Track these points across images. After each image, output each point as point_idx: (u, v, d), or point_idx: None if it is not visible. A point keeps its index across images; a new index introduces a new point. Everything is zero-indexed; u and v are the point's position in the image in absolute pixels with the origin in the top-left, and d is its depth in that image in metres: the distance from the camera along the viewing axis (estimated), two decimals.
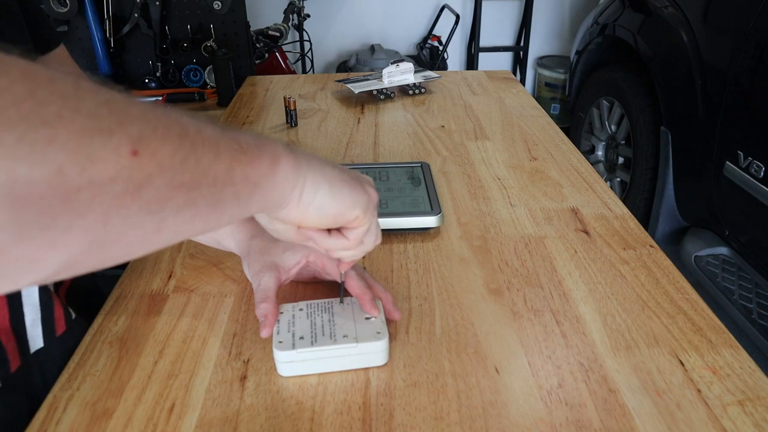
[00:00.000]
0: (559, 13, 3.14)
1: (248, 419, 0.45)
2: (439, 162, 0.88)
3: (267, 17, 2.59)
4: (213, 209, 0.31)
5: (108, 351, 0.52)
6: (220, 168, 0.30)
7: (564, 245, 0.67)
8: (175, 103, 1.51)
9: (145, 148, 0.25)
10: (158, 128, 0.27)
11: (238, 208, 0.34)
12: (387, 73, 1.18)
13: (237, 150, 0.32)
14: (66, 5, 1.43)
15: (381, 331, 0.50)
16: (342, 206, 0.41)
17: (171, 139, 0.27)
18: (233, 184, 0.32)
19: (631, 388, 0.47)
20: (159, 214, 0.27)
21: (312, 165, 0.39)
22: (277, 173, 0.36)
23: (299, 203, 0.39)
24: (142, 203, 0.26)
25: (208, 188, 0.30)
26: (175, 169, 0.27)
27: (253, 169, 0.33)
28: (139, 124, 0.26)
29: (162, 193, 0.27)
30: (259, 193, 0.35)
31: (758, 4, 1.39)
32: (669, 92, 1.72)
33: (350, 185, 0.42)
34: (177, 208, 0.28)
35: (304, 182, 0.38)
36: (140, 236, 0.27)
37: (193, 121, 0.30)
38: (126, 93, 0.27)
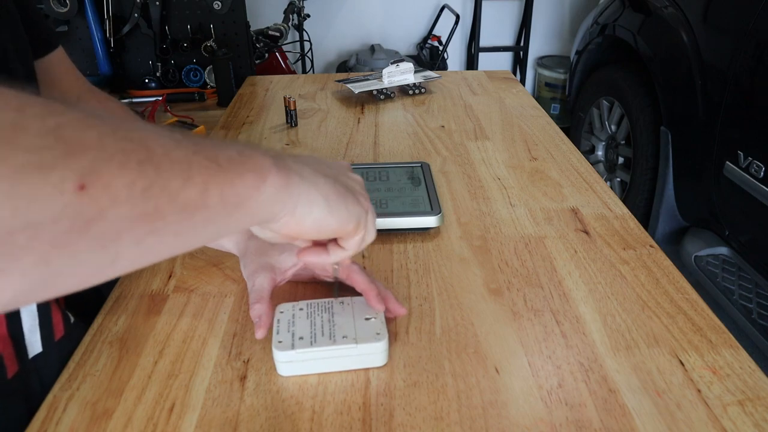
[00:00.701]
0: (559, 13, 3.15)
1: (248, 419, 0.45)
2: (439, 162, 0.88)
3: (267, 17, 2.59)
4: (181, 236, 0.29)
5: (108, 351, 0.52)
6: (192, 192, 0.28)
7: (564, 245, 0.67)
8: (175, 103, 1.51)
9: (95, 180, 0.23)
10: (116, 155, 0.24)
11: (214, 230, 0.31)
12: (387, 73, 1.18)
13: (215, 169, 0.30)
14: (66, 5, 1.43)
15: (380, 331, 0.50)
16: (340, 221, 0.40)
17: (130, 167, 0.25)
18: (207, 208, 0.29)
19: (631, 388, 0.47)
20: (113, 247, 0.25)
21: (305, 179, 0.37)
22: (263, 191, 0.33)
23: (293, 217, 0.37)
24: (92, 239, 0.24)
25: (175, 215, 0.28)
26: (134, 200, 0.25)
27: (232, 189, 0.31)
28: (91, 153, 0.23)
29: (117, 226, 0.25)
30: (240, 213, 0.32)
31: (758, 4, 1.39)
32: (669, 92, 1.72)
33: (345, 198, 0.40)
34: (136, 240, 0.26)
35: (297, 198, 0.36)
36: (91, 270, 0.26)
37: (163, 141, 0.28)
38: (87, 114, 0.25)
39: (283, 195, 0.35)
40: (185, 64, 1.58)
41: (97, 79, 1.54)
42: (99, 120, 0.25)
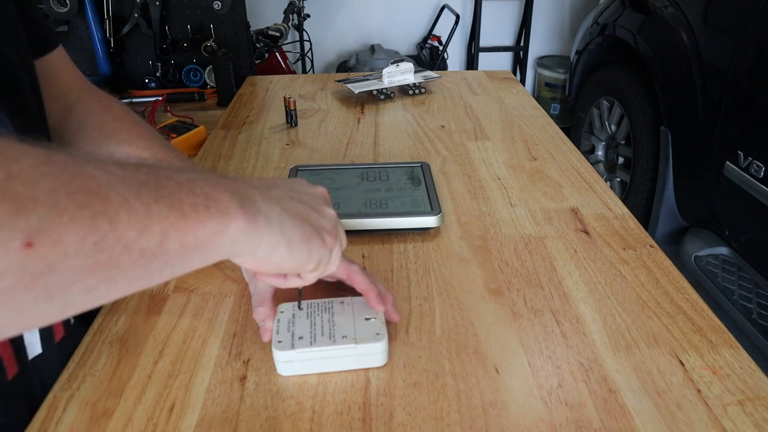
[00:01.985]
0: (559, 13, 3.15)
1: (248, 419, 0.45)
2: (439, 162, 0.88)
3: (267, 17, 2.59)
4: (137, 280, 0.29)
5: (108, 351, 0.52)
6: (149, 241, 0.28)
7: (564, 245, 0.67)
8: (175, 103, 1.51)
9: (44, 237, 0.23)
10: (68, 209, 0.24)
11: (170, 273, 0.31)
12: (387, 73, 1.18)
13: (177, 217, 0.30)
14: (66, 5, 1.43)
15: (380, 332, 0.50)
16: (299, 263, 0.40)
17: (82, 222, 0.25)
18: (165, 254, 0.29)
19: (631, 388, 0.47)
20: (63, 297, 0.25)
21: (271, 221, 0.37)
22: (225, 236, 0.33)
23: (255, 257, 0.37)
24: (40, 292, 0.24)
25: (130, 264, 0.27)
26: (85, 253, 0.25)
27: (193, 235, 0.31)
28: (41, 209, 0.23)
29: (67, 278, 0.25)
30: (200, 255, 0.32)
31: (758, 4, 1.39)
32: (669, 92, 1.72)
33: (308, 240, 0.40)
34: (88, 289, 0.26)
35: (259, 241, 0.36)
36: (38, 318, 0.25)
37: (122, 188, 0.27)
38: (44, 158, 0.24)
39: (246, 238, 0.35)
40: (185, 64, 1.58)
41: (97, 79, 1.54)
42: (56, 167, 0.25)
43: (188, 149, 1.18)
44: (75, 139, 0.60)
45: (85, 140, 0.60)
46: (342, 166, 0.81)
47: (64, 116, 0.61)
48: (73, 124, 0.61)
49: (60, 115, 0.61)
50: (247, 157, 0.92)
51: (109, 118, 0.62)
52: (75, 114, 0.62)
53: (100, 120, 0.61)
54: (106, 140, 0.59)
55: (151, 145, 0.61)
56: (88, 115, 0.62)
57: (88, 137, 0.60)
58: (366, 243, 0.67)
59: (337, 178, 0.77)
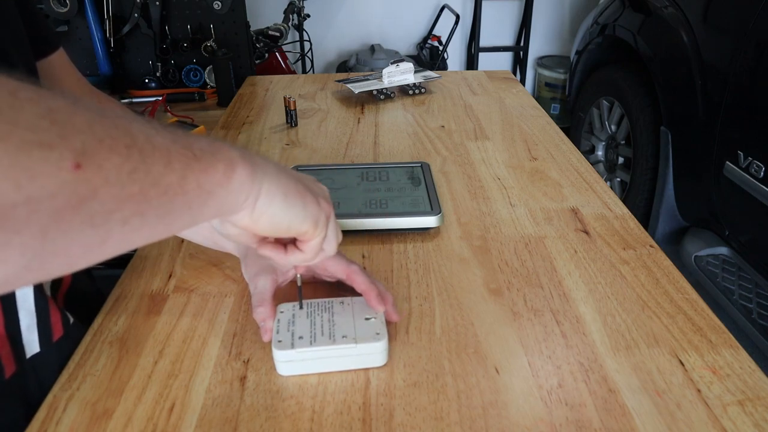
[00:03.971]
0: (559, 13, 3.15)
1: (248, 419, 0.45)
2: (439, 162, 0.88)
3: (267, 17, 2.59)
4: (163, 219, 0.30)
5: (108, 351, 0.52)
6: (173, 177, 0.29)
7: (564, 245, 0.67)
8: (175, 103, 1.51)
9: (89, 161, 0.24)
10: (105, 139, 0.26)
11: (190, 216, 0.33)
12: (387, 73, 1.18)
13: (191, 158, 0.31)
14: (66, 5, 1.43)
15: (380, 331, 0.50)
16: (294, 219, 0.40)
17: (118, 150, 0.26)
18: (185, 193, 0.31)
19: (631, 388, 0.47)
20: (104, 226, 0.26)
21: (267, 173, 0.38)
22: (232, 181, 0.34)
23: (253, 211, 0.38)
24: (85, 217, 0.25)
25: (158, 199, 0.29)
26: (123, 181, 0.26)
27: (207, 177, 0.32)
28: (83, 135, 0.25)
29: (108, 206, 0.26)
30: (212, 201, 0.34)
31: (758, 4, 1.39)
32: (669, 92, 1.72)
33: (303, 198, 0.41)
34: (124, 220, 0.27)
35: (258, 191, 0.37)
36: (82, 249, 0.27)
37: (144, 128, 0.29)
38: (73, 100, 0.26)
39: (248, 186, 0.36)
40: (185, 64, 1.58)
41: (97, 79, 1.54)
42: (86, 107, 0.26)
43: None
44: None
45: None
46: (342, 166, 0.81)
47: None
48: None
49: None
50: None
51: None
52: None
53: None
54: None
55: None
56: None
57: None
58: (366, 243, 0.67)
59: (337, 178, 0.77)
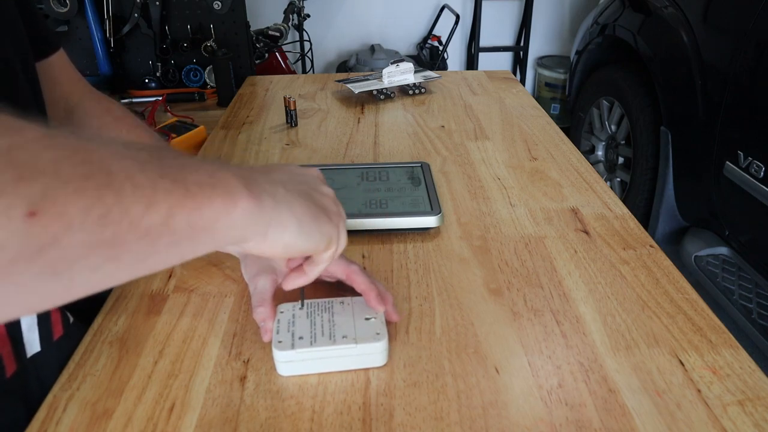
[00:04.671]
0: (559, 13, 3.15)
1: (248, 419, 0.45)
2: (439, 162, 0.88)
3: (267, 17, 2.59)
4: (144, 261, 0.28)
5: (108, 351, 0.52)
6: (156, 218, 0.27)
7: (564, 245, 0.67)
8: (175, 103, 1.51)
9: (49, 206, 0.22)
10: (72, 181, 0.23)
11: (178, 254, 0.31)
12: (387, 73, 1.18)
13: (181, 194, 0.29)
14: (66, 5, 1.43)
15: (380, 332, 0.50)
16: (311, 243, 0.40)
17: (87, 193, 0.24)
18: (172, 233, 0.28)
19: (631, 388, 0.47)
20: (67, 274, 0.24)
21: (279, 201, 0.36)
22: (232, 215, 0.32)
23: (265, 240, 0.36)
24: (44, 267, 0.23)
25: (136, 242, 0.27)
26: (91, 227, 0.24)
27: (200, 214, 0.30)
28: (45, 178, 0.22)
29: (71, 253, 0.24)
30: (207, 237, 0.31)
31: (758, 4, 1.39)
32: (669, 92, 1.72)
33: (317, 220, 0.40)
34: (92, 268, 0.25)
35: (268, 222, 0.36)
36: (42, 297, 0.25)
37: (126, 163, 0.27)
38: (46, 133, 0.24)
39: (255, 219, 0.34)
40: (185, 64, 1.58)
41: (97, 79, 1.54)
42: (59, 140, 0.24)
43: (188, 149, 1.18)
44: None
45: None
46: (342, 166, 0.81)
47: (65, 119, 0.61)
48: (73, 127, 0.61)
49: (61, 118, 0.61)
50: (247, 157, 0.92)
51: (109, 120, 0.62)
52: (75, 116, 0.62)
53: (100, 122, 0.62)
54: None
55: None
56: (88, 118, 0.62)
57: None
58: (366, 243, 0.67)
59: (337, 178, 0.77)
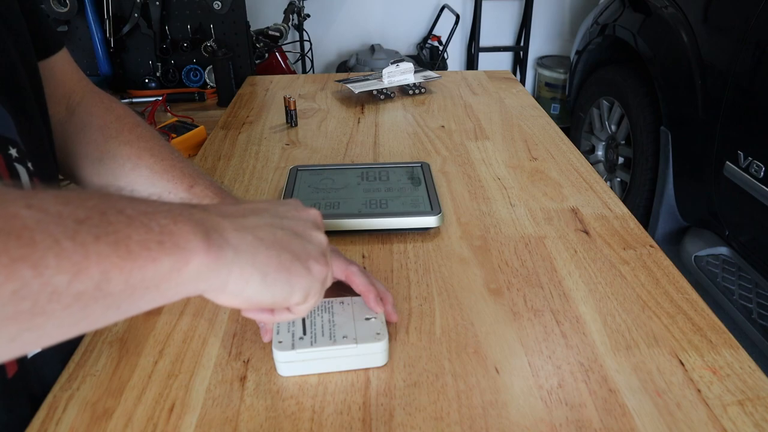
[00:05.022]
0: (559, 13, 3.15)
1: (248, 419, 0.45)
2: (439, 162, 0.88)
3: (267, 17, 2.59)
4: (75, 324, 0.27)
5: (108, 351, 0.52)
6: (85, 284, 0.25)
7: (564, 245, 0.67)
8: (175, 103, 1.51)
9: None
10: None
11: (117, 314, 0.29)
12: (387, 73, 1.18)
13: (121, 256, 0.27)
14: (66, 5, 1.43)
15: (381, 332, 0.50)
16: (278, 297, 0.36)
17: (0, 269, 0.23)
18: (107, 296, 0.27)
19: (631, 388, 0.47)
20: None
21: (240, 252, 0.34)
22: (184, 273, 0.30)
23: (225, 292, 0.34)
24: None
25: (62, 310, 0.25)
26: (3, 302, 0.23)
27: (143, 274, 0.28)
28: None
29: None
30: (153, 294, 0.29)
31: (758, 4, 1.39)
32: (669, 92, 1.72)
33: (288, 272, 0.37)
34: (10, 338, 0.24)
35: (228, 275, 0.33)
36: None
37: (54, 228, 0.25)
38: None
39: (211, 274, 0.32)
40: (185, 64, 1.58)
41: (97, 79, 1.54)
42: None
43: (188, 149, 1.18)
44: (77, 140, 0.60)
45: (87, 141, 0.60)
46: (342, 166, 0.81)
47: (67, 117, 0.61)
48: (75, 125, 0.61)
49: (63, 116, 0.61)
50: (247, 157, 0.92)
51: (111, 119, 0.62)
52: (77, 115, 0.62)
53: (102, 121, 0.62)
54: (107, 141, 0.59)
55: (152, 146, 0.61)
56: (90, 117, 0.62)
57: (90, 138, 0.60)
58: (366, 243, 0.67)
59: (337, 178, 0.77)
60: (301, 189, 0.75)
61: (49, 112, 0.56)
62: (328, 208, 0.70)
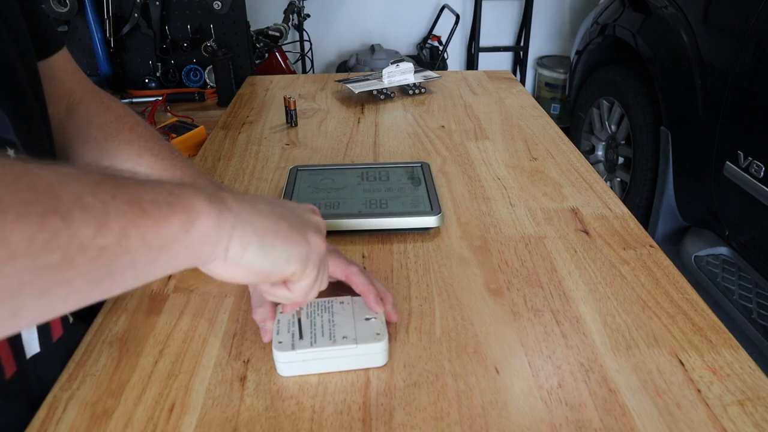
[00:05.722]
0: (559, 13, 3.14)
1: (248, 419, 0.45)
2: (439, 162, 0.88)
3: (267, 17, 2.59)
4: (98, 283, 0.28)
5: (108, 351, 0.52)
6: (108, 239, 0.27)
7: (564, 245, 0.67)
8: (175, 103, 1.51)
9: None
10: (12, 207, 0.23)
11: (134, 276, 0.30)
12: (387, 73, 1.18)
13: (136, 214, 0.28)
14: (66, 5, 1.43)
15: (380, 332, 0.50)
16: (275, 264, 0.37)
17: (30, 219, 0.23)
18: (127, 253, 0.28)
19: (631, 388, 0.47)
20: (12, 301, 0.24)
21: (241, 218, 0.35)
22: (191, 233, 0.31)
23: (226, 261, 0.35)
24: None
25: (88, 264, 0.26)
26: (35, 252, 0.24)
27: (156, 233, 0.29)
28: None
29: (15, 279, 0.23)
30: (166, 256, 0.31)
31: (758, 4, 1.39)
32: (669, 92, 1.72)
33: (286, 238, 0.37)
34: (39, 292, 0.25)
35: (229, 240, 0.34)
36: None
37: (74, 186, 0.26)
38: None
39: (213, 237, 0.33)
40: (185, 64, 1.58)
41: (97, 79, 1.54)
42: (1, 167, 0.24)
43: (188, 149, 1.18)
44: (77, 139, 0.60)
45: (87, 140, 0.60)
46: (342, 166, 0.81)
47: (67, 117, 0.61)
48: (75, 125, 0.61)
49: (63, 116, 0.61)
50: (247, 157, 0.92)
51: (111, 119, 0.62)
52: (78, 114, 0.62)
53: (102, 120, 0.62)
54: (107, 140, 0.59)
55: (152, 146, 0.61)
56: (90, 116, 0.62)
57: (90, 137, 0.60)
58: (366, 243, 0.67)
59: (337, 178, 0.77)
60: (301, 189, 0.75)
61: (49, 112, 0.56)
62: (328, 208, 0.70)
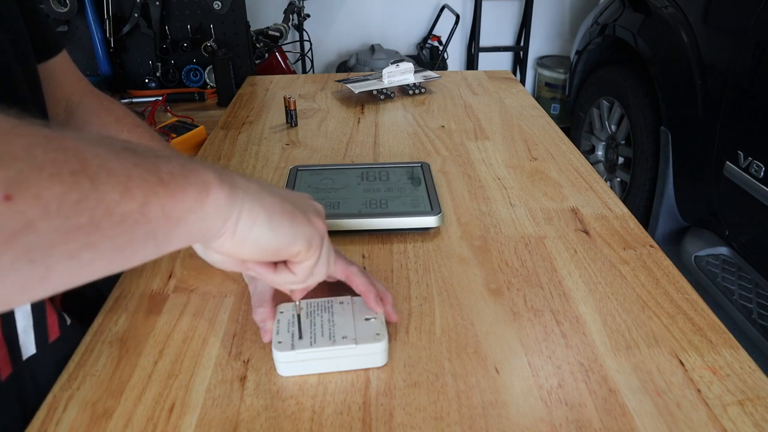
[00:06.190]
0: (559, 13, 3.15)
1: (248, 419, 0.45)
2: (439, 162, 0.88)
3: (267, 17, 2.59)
4: (121, 250, 0.28)
5: (108, 351, 0.52)
6: (131, 205, 0.27)
7: (564, 245, 0.67)
8: (175, 103, 1.51)
9: (23, 191, 0.22)
10: (46, 166, 0.24)
11: (155, 246, 0.30)
12: (387, 73, 1.18)
13: (155, 183, 0.29)
14: (66, 5, 1.43)
15: (380, 332, 0.50)
16: (282, 241, 0.38)
17: (62, 178, 0.24)
18: (148, 222, 0.29)
19: (631, 388, 0.47)
20: (44, 261, 0.24)
21: (249, 194, 0.36)
22: (206, 205, 0.32)
23: (234, 236, 0.36)
24: (19, 253, 0.23)
25: (113, 229, 0.27)
26: (67, 212, 0.24)
27: (174, 202, 0.30)
28: (18, 163, 0.23)
29: (48, 239, 0.24)
30: (182, 227, 0.31)
31: (758, 4, 1.39)
32: (669, 92, 1.72)
33: (292, 217, 0.39)
34: (70, 254, 0.25)
35: (239, 214, 0.35)
36: (17, 287, 0.24)
37: (100, 151, 0.27)
38: (16, 123, 0.24)
39: (225, 210, 0.34)
40: (185, 64, 1.58)
41: (97, 79, 1.54)
42: (31, 129, 0.24)
43: (188, 149, 1.18)
44: None
45: None
46: (342, 166, 0.81)
47: (66, 119, 0.62)
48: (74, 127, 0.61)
49: (62, 118, 0.61)
50: (247, 157, 0.92)
51: (110, 120, 0.62)
52: (76, 116, 0.62)
53: (101, 122, 0.62)
54: None
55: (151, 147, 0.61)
56: (89, 117, 0.62)
57: None
58: (366, 243, 0.67)
59: (337, 178, 0.77)
60: (301, 189, 0.75)
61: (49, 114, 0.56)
62: (328, 208, 0.70)
